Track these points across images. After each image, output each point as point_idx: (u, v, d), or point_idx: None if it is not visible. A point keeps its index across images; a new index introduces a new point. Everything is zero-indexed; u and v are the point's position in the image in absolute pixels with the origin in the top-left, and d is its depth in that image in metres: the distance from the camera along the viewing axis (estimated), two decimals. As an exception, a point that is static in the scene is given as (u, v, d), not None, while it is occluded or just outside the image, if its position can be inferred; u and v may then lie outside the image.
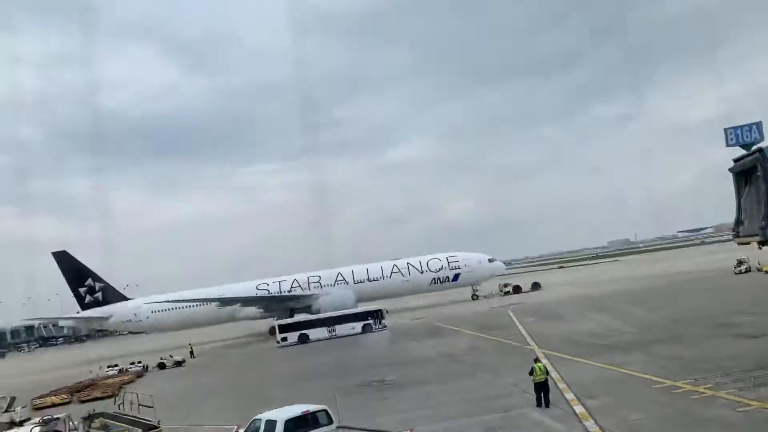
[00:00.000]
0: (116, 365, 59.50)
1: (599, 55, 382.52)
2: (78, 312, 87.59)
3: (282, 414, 19.05)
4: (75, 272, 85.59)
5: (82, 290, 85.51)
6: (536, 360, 24.55)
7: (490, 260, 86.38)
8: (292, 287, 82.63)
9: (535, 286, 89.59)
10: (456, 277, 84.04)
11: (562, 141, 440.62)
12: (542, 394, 23.02)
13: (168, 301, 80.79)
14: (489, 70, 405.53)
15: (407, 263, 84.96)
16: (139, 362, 60.01)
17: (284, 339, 61.14)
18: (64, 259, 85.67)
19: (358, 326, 61.55)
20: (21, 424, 28.49)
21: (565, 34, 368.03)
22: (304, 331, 61.56)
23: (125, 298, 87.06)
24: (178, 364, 57.86)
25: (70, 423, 19.62)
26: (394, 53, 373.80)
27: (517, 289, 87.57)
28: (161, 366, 57.85)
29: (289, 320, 65.92)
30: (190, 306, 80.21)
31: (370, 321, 61.95)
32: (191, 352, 65.28)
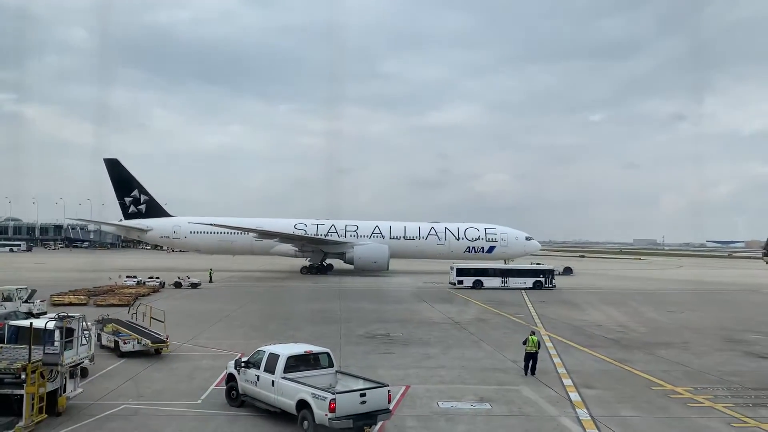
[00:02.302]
0: (135, 277, 61.09)
1: (662, 48, 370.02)
2: (120, 220, 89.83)
3: (285, 350, 19.56)
4: (123, 181, 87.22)
5: (127, 200, 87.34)
6: (532, 333, 26.17)
7: (527, 238, 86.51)
8: (329, 232, 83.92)
9: (567, 270, 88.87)
10: (491, 249, 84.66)
11: (607, 130, 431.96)
12: (530, 363, 25.00)
13: (210, 224, 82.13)
14: (545, 48, 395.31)
15: (445, 228, 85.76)
16: (157, 278, 61.53)
17: (460, 282, 63.22)
18: (114, 167, 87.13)
19: (529, 281, 64.10)
20: (37, 316, 29.73)
21: (630, 22, 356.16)
22: (479, 278, 63.81)
23: (167, 215, 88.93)
24: (194, 286, 59.22)
25: (84, 323, 20.35)
26: (452, 17, 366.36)
27: None
28: (177, 285, 59.28)
29: (468, 265, 68.09)
30: (229, 233, 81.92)
31: (542, 278, 64.34)
32: (210, 277, 66.75)
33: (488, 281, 63.79)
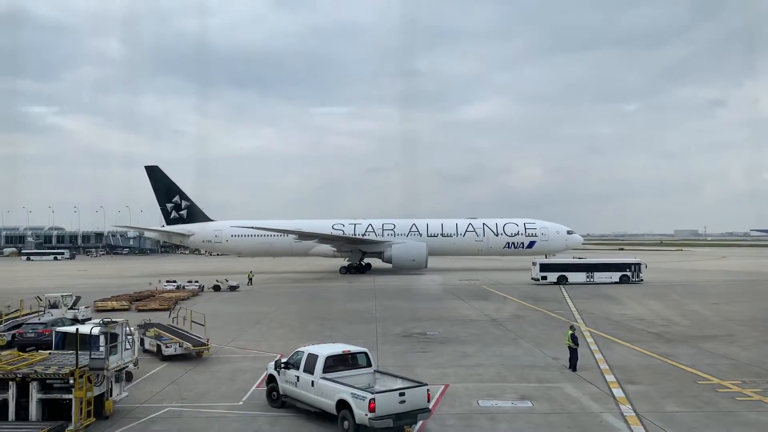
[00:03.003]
0: (174, 281, 62.20)
1: (698, 34, 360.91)
2: (163, 225, 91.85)
3: (324, 350, 19.69)
4: (164, 187, 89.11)
5: (168, 206, 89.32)
6: (571, 327, 26.20)
7: (568, 232, 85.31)
8: (366, 231, 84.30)
9: None
10: (531, 244, 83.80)
11: (643, 119, 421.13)
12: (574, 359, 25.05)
13: (251, 227, 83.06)
14: (577, 37, 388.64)
15: (483, 224, 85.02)
16: (196, 281, 62.56)
17: (544, 278, 62.87)
18: (155, 174, 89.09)
19: (615, 276, 63.31)
20: (82, 322, 30.53)
21: (664, 8, 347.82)
22: (563, 273, 63.25)
23: (208, 219, 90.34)
24: (233, 288, 60.02)
25: (127, 328, 20.81)
26: (480, 10, 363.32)
27: None
28: (216, 288, 60.16)
29: (552, 260, 67.59)
30: (269, 235, 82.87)
31: (628, 273, 63.58)
32: (250, 280, 67.56)
33: (572, 277, 62.62)
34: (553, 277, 62.39)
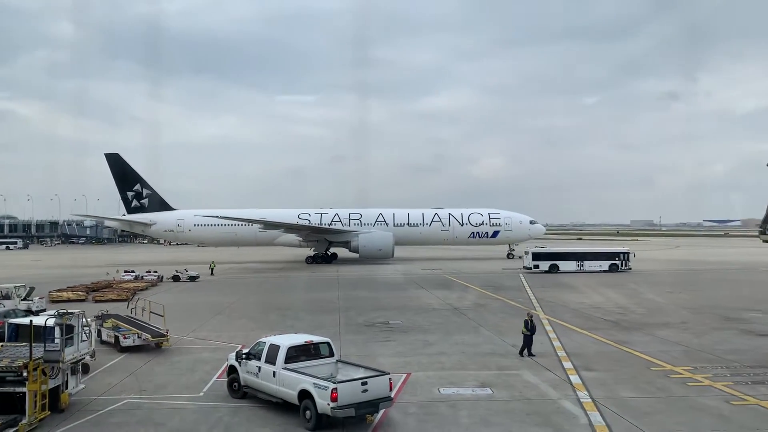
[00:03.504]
0: (132, 271, 61.04)
1: (656, 28, 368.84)
2: (123, 214, 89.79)
3: (286, 341, 19.63)
4: (125, 176, 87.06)
5: (129, 194, 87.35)
6: (528, 314, 27.14)
7: (531, 222, 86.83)
8: (332, 221, 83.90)
9: None
10: (495, 234, 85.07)
11: (601, 112, 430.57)
12: (525, 345, 25.89)
13: (215, 217, 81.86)
14: (540, 30, 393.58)
15: (449, 213, 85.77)
16: (155, 272, 61.52)
17: (536, 266, 63.63)
18: (115, 162, 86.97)
19: (605, 264, 64.83)
20: (37, 313, 29.73)
21: (624, 2, 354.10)
22: (555, 262, 64.20)
23: (170, 208, 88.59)
24: (192, 279, 59.21)
25: (84, 319, 20.36)
26: (444, 0, 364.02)
27: None
28: (176, 278, 59.27)
29: (544, 250, 68.39)
30: (233, 224, 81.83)
31: (617, 261, 65.10)
32: (212, 270, 66.72)
33: (564, 265, 64.03)
34: (545, 265, 63.77)
